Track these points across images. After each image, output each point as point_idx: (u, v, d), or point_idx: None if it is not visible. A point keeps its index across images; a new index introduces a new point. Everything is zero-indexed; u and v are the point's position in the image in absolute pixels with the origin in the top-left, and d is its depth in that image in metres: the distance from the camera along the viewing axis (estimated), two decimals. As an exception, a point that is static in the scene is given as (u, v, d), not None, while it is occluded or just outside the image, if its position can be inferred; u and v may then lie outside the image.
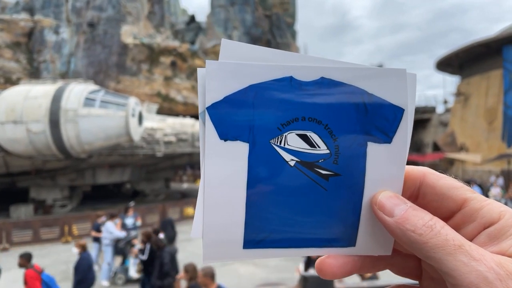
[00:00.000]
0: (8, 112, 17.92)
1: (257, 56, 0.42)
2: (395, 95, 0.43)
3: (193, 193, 27.90)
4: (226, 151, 0.42)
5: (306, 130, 0.43)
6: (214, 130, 0.41)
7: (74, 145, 18.17)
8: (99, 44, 38.47)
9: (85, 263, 8.24)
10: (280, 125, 0.42)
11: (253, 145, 0.42)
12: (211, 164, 0.42)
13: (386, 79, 0.43)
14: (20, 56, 37.64)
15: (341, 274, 0.45)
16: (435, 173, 0.44)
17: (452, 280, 0.36)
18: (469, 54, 34.23)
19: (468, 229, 0.41)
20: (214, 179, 0.42)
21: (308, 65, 0.42)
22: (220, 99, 0.41)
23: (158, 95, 39.30)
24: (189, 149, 23.36)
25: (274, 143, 0.43)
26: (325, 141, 0.43)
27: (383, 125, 0.43)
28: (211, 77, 0.41)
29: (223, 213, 0.43)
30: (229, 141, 0.42)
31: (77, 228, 16.46)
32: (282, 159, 0.43)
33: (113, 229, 11.01)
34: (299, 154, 0.43)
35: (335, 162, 0.43)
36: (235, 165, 0.42)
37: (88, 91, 18.72)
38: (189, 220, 19.64)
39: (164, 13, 44.77)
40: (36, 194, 21.45)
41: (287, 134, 0.43)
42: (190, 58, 41.19)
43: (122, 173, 23.35)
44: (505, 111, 30.08)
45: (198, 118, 0.41)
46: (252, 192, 0.43)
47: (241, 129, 0.42)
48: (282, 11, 50.81)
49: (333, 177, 0.44)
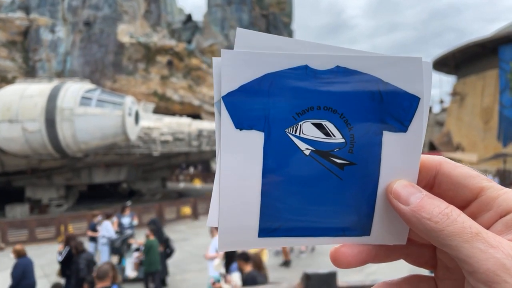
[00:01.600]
0: (3, 111, 17.83)
1: (272, 45, 0.42)
2: (410, 84, 0.43)
3: (189, 193, 27.85)
4: (241, 140, 0.42)
5: (321, 119, 0.43)
6: (229, 119, 0.41)
7: (70, 144, 18.10)
8: (95, 43, 38.33)
9: (19, 269, 7.77)
10: (296, 114, 0.42)
11: (269, 134, 0.42)
12: (227, 153, 0.42)
13: (402, 67, 0.42)
14: (15, 54, 37.46)
15: (355, 263, 0.45)
16: (451, 162, 0.44)
17: (469, 268, 0.36)
18: (465, 54, 34.36)
19: (485, 217, 0.41)
20: (229, 168, 0.42)
21: (323, 54, 0.42)
22: (236, 88, 0.41)
23: (154, 94, 39.21)
24: (185, 148, 23.33)
25: (289, 132, 0.43)
26: (340, 130, 0.43)
27: (399, 114, 0.43)
28: (226, 66, 0.41)
29: (239, 202, 0.43)
30: (245, 130, 0.42)
31: (73, 227, 16.38)
32: (297, 148, 0.43)
33: (110, 228, 11.01)
34: (314, 143, 0.43)
35: (350, 151, 0.43)
36: (251, 154, 0.42)
37: (84, 90, 18.65)
38: (185, 220, 19.60)
39: (160, 12, 44.66)
40: (32, 193, 21.35)
41: (303, 123, 0.43)
42: (186, 57, 41.11)
43: (118, 172, 23.28)
44: (501, 111, 30.22)
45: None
46: (267, 181, 0.43)
47: (256, 118, 0.42)
48: (278, 11, 50.81)
49: (348, 166, 0.44)
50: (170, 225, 17.19)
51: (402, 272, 0.52)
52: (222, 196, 0.42)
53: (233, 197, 0.43)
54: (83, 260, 8.15)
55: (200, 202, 20.85)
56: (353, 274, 9.04)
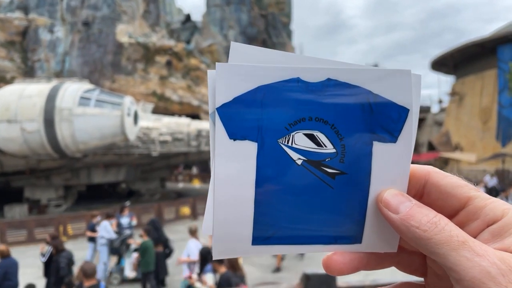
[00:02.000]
0: (2, 111, 17.81)
1: (265, 58, 0.43)
2: (400, 96, 0.44)
3: (188, 193, 27.84)
4: (235, 150, 0.43)
5: (313, 130, 0.44)
6: (223, 129, 0.42)
7: (69, 145, 18.08)
8: (94, 43, 38.29)
9: (1, 271, 7.55)
10: (288, 125, 0.43)
11: (262, 144, 0.43)
12: (221, 163, 0.43)
13: (391, 80, 0.44)
14: (14, 55, 37.41)
15: (347, 270, 0.46)
16: (439, 172, 0.45)
17: (456, 275, 0.37)
18: (463, 54, 34.40)
19: (472, 226, 0.42)
20: (223, 178, 0.43)
21: (314, 67, 0.43)
22: (230, 100, 0.42)
23: (153, 94, 39.18)
24: (184, 148, 23.32)
25: (282, 143, 0.44)
26: (331, 141, 0.44)
27: (388, 125, 0.44)
28: (221, 78, 0.42)
29: (233, 210, 0.44)
30: (238, 140, 0.43)
31: (72, 228, 16.38)
32: (290, 158, 0.44)
33: (110, 228, 11.01)
34: (306, 153, 0.44)
35: (341, 160, 0.44)
36: (244, 163, 0.43)
37: (83, 90, 18.64)
38: (184, 220, 19.59)
39: (159, 12, 44.64)
40: (30, 193, 21.33)
41: (295, 134, 0.44)
42: (185, 57, 41.10)
43: (117, 172, 23.26)
44: (500, 111, 30.27)
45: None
46: (260, 190, 0.44)
47: (250, 129, 0.43)
48: (277, 11, 50.83)
49: (340, 176, 0.45)
50: (169, 225, 17.18)
51: (399, 273, 0.52)
52: (216, 205, 0.44)
53: (227, 205, 0.44)
54: (63, 259, 8.04)
55: (199, 202, 20.84)
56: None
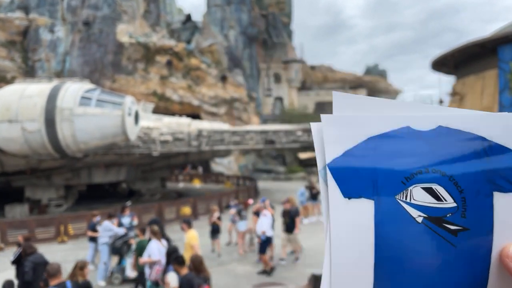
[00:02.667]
0: (3, 111, 17.81)
1: (370, 106, 0.41)
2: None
3: (189, 193, 27.84)
4: (350, 210, 0.40)
5: (431, 183, 0.41)
6: (337, 188, 0.40)
7: (70, 144, 18.08)
8: (94, 43, 38.29)
9: None
10: (404, 178, 0.40)
11: (378, 202, 0.40)
12: (337, 225, 0.40)
13: (503, 124, 0.40)
14: (15, 54, 37.40)
15: None
16: None
17: None
18: (464, 54, 34.37)
19: None
20: (340, 242, 0.40)
21: (425, 115, 0.41)
22: (340, 154, 0.40)
23: (154, 94, 39.17)
24: (185, 148, 23.31)
25: (399, 199, 0.40)
26: (451, 194, 0.41)
27: (507, 173, 0.41)
28: (329, 131, 0.39)
29: (351, 277, 0.41)
30: (353, 198, 0.40)
31: (72, 227, 16.38)
32: (409, 216, 0.40)
33: (112, 226, 11.01)
34: (426, 209, 0.41)
35: (463, 215, 0.41)
36: (361, 225, 0.40)
37: (84, 90, 18.62)
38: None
39: (160, 12, 44.64)
40: (31, 193, 21.33)
41: (412, 188, 0.40)
42: (186, 57, 41.07)
43: (118, 172, 23.26)
44: (501, 111, 30.13)
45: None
46: (380, 254, 0.40)
47: (364, 186, 0.40)
48: (278, 11, 50.84)
49: (462, 232, 0.41)
50: (169, 225, 17.18)
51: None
52: (334, 273, 0.40)
53: (345, 272, 0.41)
54: (29, 263, 7.68)
55: (199, 202, 20.84)
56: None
